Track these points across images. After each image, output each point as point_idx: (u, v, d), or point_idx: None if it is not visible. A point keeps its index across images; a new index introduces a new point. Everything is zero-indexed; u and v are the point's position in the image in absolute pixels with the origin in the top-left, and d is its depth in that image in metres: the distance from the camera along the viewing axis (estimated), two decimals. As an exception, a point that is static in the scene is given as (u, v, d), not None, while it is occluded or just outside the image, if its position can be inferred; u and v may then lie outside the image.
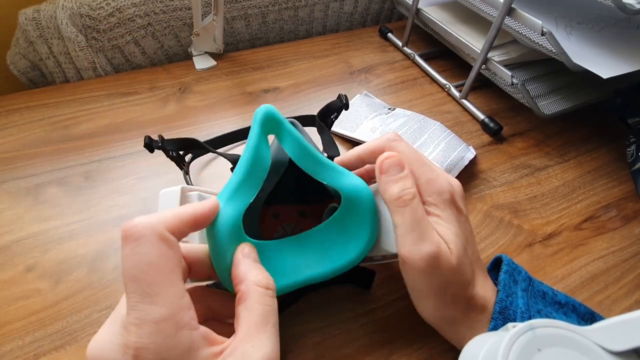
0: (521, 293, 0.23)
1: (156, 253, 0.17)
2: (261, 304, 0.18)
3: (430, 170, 0.24)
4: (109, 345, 0.16)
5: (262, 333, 0.18)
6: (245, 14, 0.57)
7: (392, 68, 0.55)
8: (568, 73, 0.42)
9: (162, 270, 0.17)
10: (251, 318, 0.18)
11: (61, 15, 0.46)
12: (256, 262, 0.21)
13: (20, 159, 0.39)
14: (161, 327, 0.16)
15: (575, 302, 0.24)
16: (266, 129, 0.23)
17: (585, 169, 0.43)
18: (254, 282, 0.19)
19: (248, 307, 0.18)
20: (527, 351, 0.16)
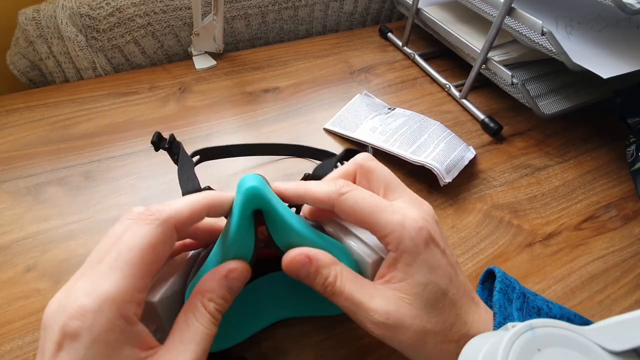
0: (517, 314, 0.22)
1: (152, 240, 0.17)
2: (201, 322, 0.18)
3: (393, 212, 0.20)
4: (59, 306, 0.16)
5: (189, 348, 0.17)
6: (245, 14, 0.57)
7: (392, 68, 0.55)
8: (568, 73, 0.42)
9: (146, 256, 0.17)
10: (184, 332, 0.18)
11: (61, 14, 0.46)
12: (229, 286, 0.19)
13: (20, 159, 0.39)
14: (106, 302, 0.15)
15: (570, 314, 0.24)
16: (251, 208, 0.20)
17: (585, 168, 0.43)
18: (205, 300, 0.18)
19: (188, 321, 0.18)
20: (526, 351, 0.16)
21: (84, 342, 0.15)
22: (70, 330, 0.15)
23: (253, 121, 0.45)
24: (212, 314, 0.18)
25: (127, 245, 0.17)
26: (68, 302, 0.15)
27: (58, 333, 0.15)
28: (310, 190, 0.22)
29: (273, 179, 0.30)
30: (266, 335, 0.28)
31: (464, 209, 0.38)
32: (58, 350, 0.15)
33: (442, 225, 0.35)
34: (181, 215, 0.18)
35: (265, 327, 0.27)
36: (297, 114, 0.47)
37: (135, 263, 0.16)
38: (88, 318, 0.15)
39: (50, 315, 0.16)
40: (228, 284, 0.19)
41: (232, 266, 0.20)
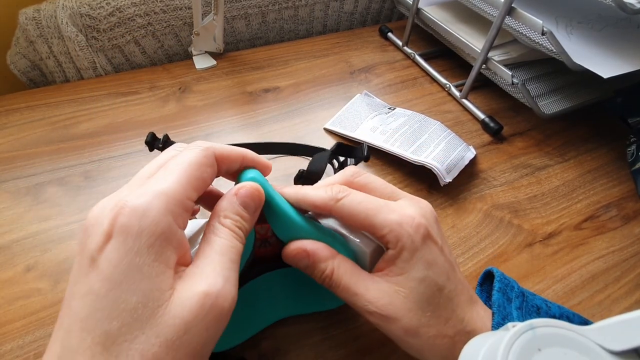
0: (516, 313, 0.22)
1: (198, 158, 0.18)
2: (221, 237, 0.18)
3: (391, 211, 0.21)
4: (106, 203, 0.16)
5: (213, 261, 0.17)
6: (246, 14, 0.57)
7: (392, 67, 0.55)
8: (568, 73, 0.42)
9: (192, 167, 0.18)
10: (206, 250, 0.18)
11: (61, 14, 0.46)
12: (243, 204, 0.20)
13: (20, 159, 0.39)
14: (157, 197, 0.16)
15: (569, 313, 0.24)
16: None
17: (586, 168, 0.43)
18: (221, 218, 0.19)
19: (209, 239, 0.18)
20: (527, 351, 0.16)
21: (132, 233, 0.15)
22: (121, 221, 0.15)
23: (253, 121, 0.45)
24: (231, 228, 0.19)
25: (176, 160, 0.18)
26: (118, 201, 0.16)
27: (107, 224, 0.15)
28: (308, 196, 0.22)
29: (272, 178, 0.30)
30: (266, 335, 0.28)
31: (464, 209, 0.38)
32: (106, 242, 0.15)
33: (442, 225, 0.35)
34: (220, 149, 0.20)
35: (266, 327, 0.27)
36: (298, 114, 0.47)
37: (185, 172, 0.17)
38: (139, 211, 0.15)
39: (97, 212, 0.16)
40: (240, 200, 0.19)
41: (241, 185, 0.20)
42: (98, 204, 0.17)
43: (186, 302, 0.15)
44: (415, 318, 0.20)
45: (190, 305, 0.15)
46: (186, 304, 0.15)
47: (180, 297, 0.16)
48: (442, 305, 0.21)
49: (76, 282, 0.15)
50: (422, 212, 0.22)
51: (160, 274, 0.15)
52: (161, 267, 0.16)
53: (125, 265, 0.15)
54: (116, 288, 0.15)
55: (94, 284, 0.15)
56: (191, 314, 0.15)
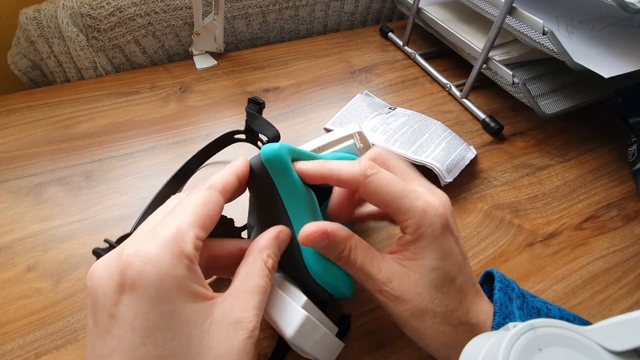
0: (518, 312, 0.22)
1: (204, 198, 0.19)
2: (260, 276, 0.19)
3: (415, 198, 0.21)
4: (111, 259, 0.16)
5: (250, 301, 0.18)
6: (246, 14, 0.57)
7: (392, 67, 0.55)
8: (569, 72, 0.42)
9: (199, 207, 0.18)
10: (247, 281, 0.19)
11: (62, 14, 0.46)
12: (279, 247, 0.21)
13: (21, 159, 0.39)
14: (167, 243, 0.16)
15: (569, 316, 0.24)
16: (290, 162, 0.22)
17: (586, 168, 0.43)
18: (264, 256, 0.20)
19: (249, 274, 0.19)
20: (528, 351, 0.16)
21: (151, 280, 0.15)
22: (133, 270, 0.15)
23: (254, 121, 0.45)
24: (270, 269, 0.20)
25: (182, 204, 0.18)
26: (125, 252, 0.15)
27: (118, 277, 0.15)
28: (334, 170, 0.22)
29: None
30: (266, 335, 0.28)
31: (464, 209, 0.38)
32: (120, 294, 0.15)
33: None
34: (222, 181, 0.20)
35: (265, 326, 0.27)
36: (298, 114, 0.47)
37: (192, 212, 0.18)
38: (152, 256, 0.15)
39: (100, 268, 0.16)
40: (279, 243, 0.21)
41: (280, 228, 0.22)
42: (96, 262, 0.16)
43: (230, 334, 0.16)
44: (423, 303, 0.21)
45: (233, 337, 0.16)
46: (230, 335, 0.16)
47: (222, 328, 0.16)
48: (451, 295, 0.21)
49: (98, 340, 0.15)
50: (443, 202, 0.22)
51: (196, 313, 0.16)
52: (194, 306, 0.16)
53: (154, 313, 0.15)
54: (152, 335, 0.14)
55: (124, 336, 0.14)
56: (234, 343, 0.16)
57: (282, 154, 0.21)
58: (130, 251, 0.15)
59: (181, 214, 0.18)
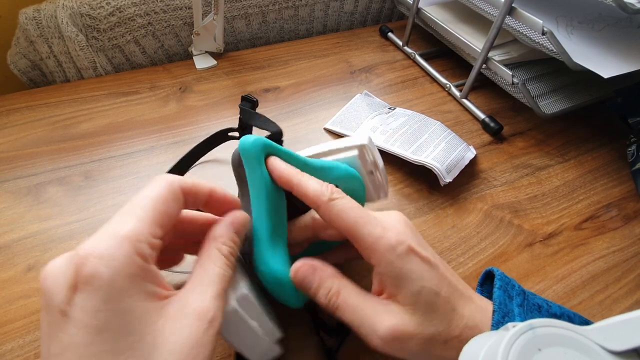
0: (518, 310, 0.22)
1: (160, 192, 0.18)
2: (216, 264, 0.19)
3: (375, 225, 0.21)
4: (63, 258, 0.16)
5: (208, 291, 0.18)
6: (246, 13, 0.57)
7: (392, 67, 0.55)
8: (569, 73, 0.42)
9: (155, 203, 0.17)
10: (202, 272, 0.18)
11: (61, 14, 0.46)
12: (237, 233, 0.21)
13: (20, 159, 0.39)
14: (121, 241, 0.16)
15: (570, 313, 0.24)
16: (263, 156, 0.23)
17: (586, 168, 0.43)
18: (218, 244, 0.20)
19: (204, 264, 0.19)
20: (527, 351, 0.16)
21: (104, 279, 0.15)
22: (87, 269, 0.15)
23: (253, 121, 0.45)
24: (227, 256, 0.19)
25: (139, 197, 0.18)
26: (77, 252, 0.15)
27: (71, 275, 0.15)
28: (302, 183, 0.22)
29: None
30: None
31: (464, 209, 0.38)
32: (73, 293, 0.15)
33: (442, 225, 0.35)
34: (186, 182, 0.20)
35: None
36: (298, 114, 0.47)
37: (144, 207, 0.17)
38: (105, 255, 0.15)
39: (52, 267, 0.15)
40: (235, 228, 0.21)
41: (236, 214, 0.21)
42: (50, 262, 0.16)
43: (187, 328, 0.16)
44: (427, 331, 0.20)
45: (191, 330, 0.16)
46: (187, 330, 0.16)
47: (177, 324, 0.16)
48: (443, 308, 0.21)
49: (51, 339, 0.15)
50: (400, 224, 0.22)
51: (150, 311, 0.16)
52: (146, 304, 0.16)
53: (106, 311, 0.15)
54: (103, 333, 0.14)
55: (75, 334, 0.14)
56: (192, 336, 0.16)
57: (254, 147, 0.22)
58: (84, 251, 0.15)
59: (139, 209, 0.17)
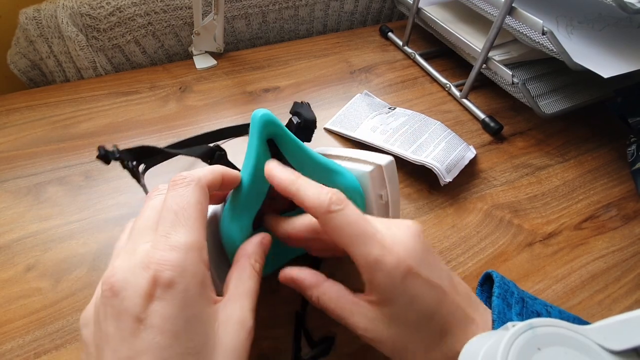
0: (517, 319, 0.22)
1: (197, 197, 0.19)
2: (251, 280, 0.21)
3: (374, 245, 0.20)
4: (134, 265, 0.17)
5: (246, 303, 0.20)
6: (246, 14, 0.57)
7: (392, 67, 0.55)
8: (569, 72, 0.42)
9: (198, 210, 0.19)
10: (240, 285, 0.20)
11: (62, 14, 0.46)
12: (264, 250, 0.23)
13: (20, 158, 0.39)
14: (188, 252, 0.17)
15: (569, 317, 0.24)
16: (266, 134, 0.23)
17: (586, 168, 0.43)
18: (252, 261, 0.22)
19: (241, 277, 0.21)
20: (527, 350, 0.16)
21: (181, 287, 0.16)
22: (164, 279, 0.16)
23: (253, 121, 0.45)
24: (258, 272, 0.21)
25: (179, 205, 0.19)
26: (147, 258, 0.17)
27: (147, 285, 0.16)
28: (301, 192, 0.21)
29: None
30: (266, 335, 0.28)
31: (464, 209, 0.38)
32: (149, 301, 0.16)
33: (442, 225, 0.35)
34: (207, 177, 0.21)
35: (266, 327, 0.27)
36: (298, 114, 0.47)
37: (193, 216, 0.18)
38: (178, 268, 0.16)
39: (124, 275, 0.16)
40: (263, 248, 0.23)
41: (264, 234, 0.23)
42: (116, 267, 0.17)
43: (234, 334, 0.18)
44: (401, 342, 0.20)
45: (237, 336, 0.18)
46: (234, 335, 0.18)
47: (227, 329, 0.18)
48: (430, 332, 0.20)
49: (123, 343, 0.16)
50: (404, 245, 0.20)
51: (210, 315, 0.18)
52: (208, 309, 0.18)
53: (183, 317, 0.16)
54: (179, 337, 0.16)
55: (153, 339, 0.16)
56: (238, 341, 0.18)
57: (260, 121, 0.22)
58: (157, 260, 0.16)
59: (188, 218, 0.18)
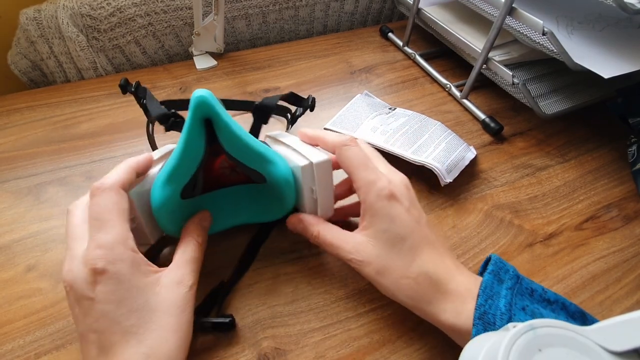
0: (505, 292, 0.23)
1: (112, 200, 0.23)
2: (193, 250, 0.26)
3: (371, 172, 0.27)
4: (77, 265, 0.22)
5: (187, 268, 0.25)
6: (246, 14, 0.57)
7: (392, 68, 0.55)
8: (569, 73, 0.42)
9: (114, 212, 0.23)
10: (184, 255, 0.26)
11: (62, 15, 0.46)
12: (204, 227, 0.29)
13: (21, 159, 0.39)
14: (112, 246, 0.22)
15: (565, 301, 0.24)
16: (200, 115, 0.25)
17: (586, 168, 0.43)
18: (195, 236, 0.27)
19: (185, 249, 0.26)
20: (527, 351, 0.16)
21: (113, 271, 0.21)
22: (98, 269, 0.21)
23: (254, 121, 0.45)
24: (200, 244, 0.27)
25: (98, 212, 0.23)
26: (84, 258, 0.22)
27: (89, 275, 0.21)
28: (325, 137, 0.29)
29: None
30: (266, 335, 0.28)
31: (464, 209, 0.38)
32: (94, 286, 0.21)
33: (442, 225, 0.35)
34: (120, 178, 0.25)
35: (265, 327, 0.28)
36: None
37: (112, 217, 0.23)
38: (108, 256, 0.22)
39: (72, 273, 0.22)
40: (202, 224, 0.29)
41: (203, 215, 0.29)
42: (65, 269, 0.22)
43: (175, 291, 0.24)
44: (383, 262, 0.26)
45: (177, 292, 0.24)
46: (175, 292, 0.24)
47: (169, 288, 0.24)
48: (405, 252, 0.25)
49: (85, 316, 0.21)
50: (395, 179, 0.27)
51: (149, 283, 0.23)
52: (146, 279, 0.23)
53: (122, 289, 0.22)
54: (121, 303, 0.22)
55: (104, 308, 0.21)
56: (178, 296, 0.24)
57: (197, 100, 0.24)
58: (90, 257, 0.21)
59: (108, 220, 0.23)
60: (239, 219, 0.31)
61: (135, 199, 0.26)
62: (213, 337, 0.27)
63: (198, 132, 0.25)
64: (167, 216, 0.27)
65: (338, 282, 0.31)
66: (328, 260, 0.32)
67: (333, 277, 0.31)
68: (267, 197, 0.31)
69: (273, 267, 0.32)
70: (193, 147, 0.25)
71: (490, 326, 0.22)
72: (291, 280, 0.31)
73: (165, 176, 0.26)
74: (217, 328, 0.27)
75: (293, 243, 0.33)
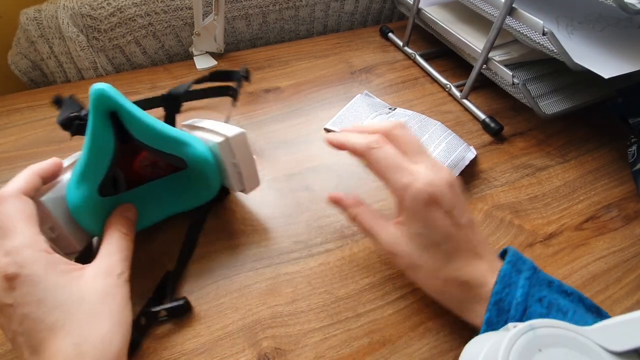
0: (523, 282, 0.24)
1: (15, 207, 0.23)
2: (119, 241, 0.26)
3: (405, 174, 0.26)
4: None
5: (113, 257, 0.25)
6: (246, 14, 0.57)
7: (392, 68, 0.55)
8: (569, 73, 0.42)
9: (18, 218, 0.23)
10: (108, 248, 0.26)
11: (62, 15, 0.46)
12: (127, 218, 0.28)
13: (21, 159, 0.39)
14: (21, 251, 0.22)
15: (581, 295, 0.25)
16: (102, 108, 0.24)
17: (587, 168, 0.43)
18: (119, 227, 0.27)
19: (110, 240, 0.26)
20: (527, 351, 0.16)
21: (26, 274, 0.21)
22: (10, 274, 0.21)
23: (254, 121, 0.45)
24: (126, 233, 0.27)
25: (3, 218, 0.23)
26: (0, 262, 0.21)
27: (3, 283, 0.21)
28: (350, 141, 0.28)
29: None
30: (266, 335, 0.28)
31: (464, 209, 0.38)
32: (11, 292, 0.21)
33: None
34: (21, 186, 0.24)
35: (265, 327, 0.28)
36: (298, 114, 0.47)
37: (18, 224, 0.23)
38: (17, 261, 0.21)
39: None
40: (127, 215, 0.28)
41: (126, 208, 0.29)
42: None
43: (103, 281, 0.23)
44: (414, 260, 0.26)
45: (105, 282, 0.24)
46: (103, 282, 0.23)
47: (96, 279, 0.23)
48: (437, 257, 0.25)
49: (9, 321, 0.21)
50: (436, 179, 0.25)
51: (70, 279, 0.23)
52: (65, 277, 0.22)
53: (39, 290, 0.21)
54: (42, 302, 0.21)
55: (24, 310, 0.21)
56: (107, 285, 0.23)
57: (97, 95, 0.24)
58: (1, 264, 0.21)
59: (14, 227, 0.22)
60: (168, 210, 0.31)
61: (50, 206, 0.25)
62: (213, 337, 0.28)
63: (103, 126, 0.25)
64: (87, 216, 0.26)
65: (338, 282, 0.31)
66: (328, 261, 0.32)
67: (333, 277, 0.31)
68: (192, 182, 0.31)
69: (273, 267, 0.32)
70: (101, 142, 0.25)
71: (504, 313, 0.22)
72: (291, 280, 0.31)
73: (77, 175, 0.25)
74: (173, 314, 0.28)
75: (293, 243, 0.33)
